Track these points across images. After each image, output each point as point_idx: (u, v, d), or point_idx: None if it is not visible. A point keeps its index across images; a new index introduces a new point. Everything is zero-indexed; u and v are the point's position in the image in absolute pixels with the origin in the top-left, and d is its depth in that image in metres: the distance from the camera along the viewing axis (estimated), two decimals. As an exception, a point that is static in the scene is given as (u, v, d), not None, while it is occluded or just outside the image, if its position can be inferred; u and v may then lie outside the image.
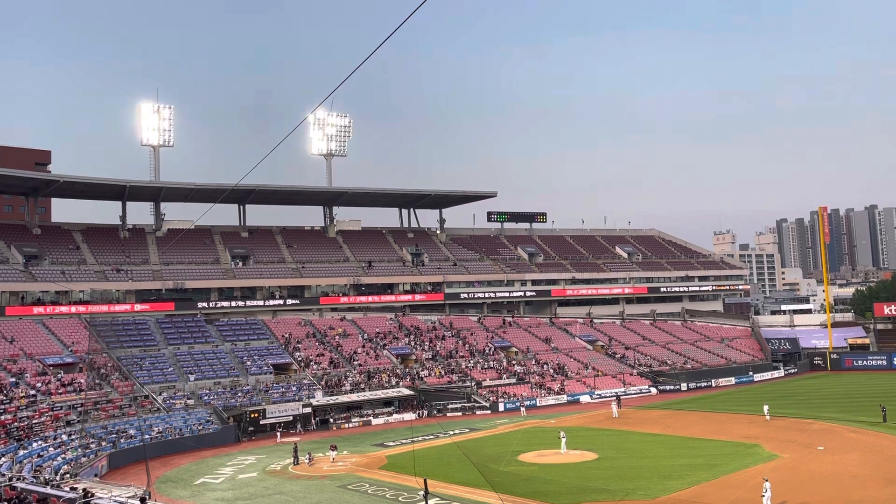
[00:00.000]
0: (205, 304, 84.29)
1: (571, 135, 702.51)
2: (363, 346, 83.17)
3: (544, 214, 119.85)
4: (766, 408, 59.67)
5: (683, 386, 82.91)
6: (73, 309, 76.73)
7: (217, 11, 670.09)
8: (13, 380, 60.19)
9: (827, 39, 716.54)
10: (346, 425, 66.68)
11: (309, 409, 66.23)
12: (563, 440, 49.25)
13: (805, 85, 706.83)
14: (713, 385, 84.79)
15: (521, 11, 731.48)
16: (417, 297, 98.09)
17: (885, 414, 55.39)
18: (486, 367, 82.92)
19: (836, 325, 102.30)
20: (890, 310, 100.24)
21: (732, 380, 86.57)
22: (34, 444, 48.91)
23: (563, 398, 76.53)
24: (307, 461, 48.91)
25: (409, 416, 69.23)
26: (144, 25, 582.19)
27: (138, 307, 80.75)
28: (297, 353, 78.37)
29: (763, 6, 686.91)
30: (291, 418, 64.52)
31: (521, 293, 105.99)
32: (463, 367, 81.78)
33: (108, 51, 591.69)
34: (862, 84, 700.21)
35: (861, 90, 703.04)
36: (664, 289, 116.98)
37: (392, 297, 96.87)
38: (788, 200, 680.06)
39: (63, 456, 47.89)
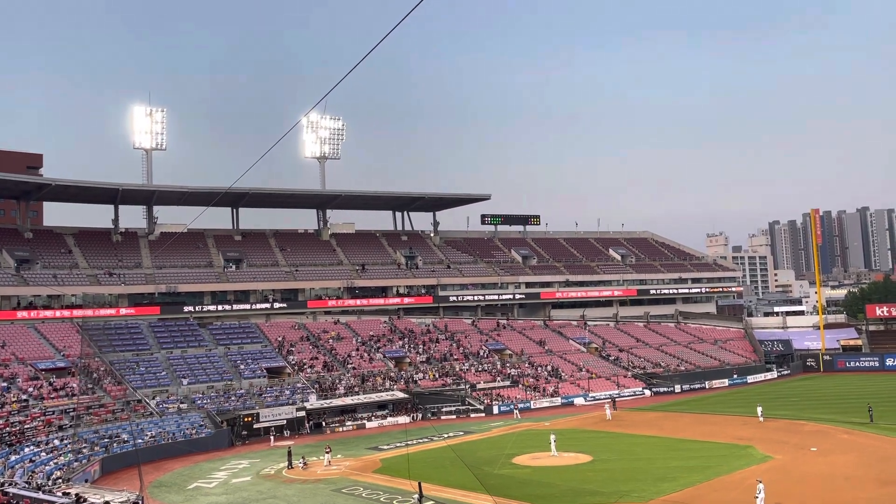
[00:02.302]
0: (191, 308, 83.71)
1: (564, 137, 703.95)
2: (357, 350, 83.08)
3: (538, 217, 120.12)
4: (759, 409, 59.82)
5: (677, 388, 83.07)
6: (59, 313, 76.02)
7: (210, 14, 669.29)
8: (5, 384, 59.87)
9: (819, 41, 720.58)
10: (340, 429, 66.55)
11: (303, 413, 66.10)
12: (553, 442, 49.28)
13: (799, 86, 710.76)
14: (706, 387, 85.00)
15: (516, 16, 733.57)
16: (411, 299, 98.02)
17: (872, 414, 55.72)
18: (480, 369, 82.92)
19: (828, 326, 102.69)
20: (882, 311, 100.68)
21: (726, 382, 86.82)
22: (26, 450, 48.65)
23: (558, 400, 76.58)
24: (301, 465, 48.80)
25: (404, 419, 69.18)
26: (137, 28, 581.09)
27: (123, 311, 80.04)
28: (291, 357, 78.21)
29: (757, 8, 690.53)
30: (285, 422, 64.37)
31: (515, 296, 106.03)
32: (457, 369, 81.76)
33: (100, 53, 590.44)
34: (856, 85, 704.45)
35: (855, 92, 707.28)
36: (657, 291, 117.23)
37: (386, 301, 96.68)
38: (781, 202, 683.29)
39: (55, 461, 47.65)
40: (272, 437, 61.03)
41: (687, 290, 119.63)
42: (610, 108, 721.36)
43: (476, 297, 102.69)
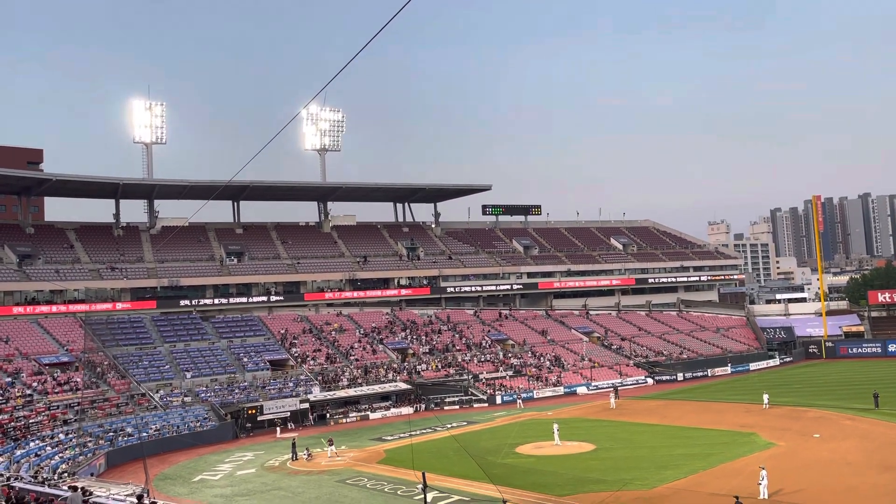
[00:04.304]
0: (187, 302, 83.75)
1: (566, 127, 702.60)
2: (360, 341, 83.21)
3: (539, 207, 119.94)
4: (765, 396, 59.66)
5: (679, 376, 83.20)
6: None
7: (208, 7, 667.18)
8: (9, 379, 60.09)
9: (820, 31, 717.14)
10: (344, 420, 66.76)
11: (306, 405, 66.29)
12: (557, 431, 49.39)
13: (799, 75, 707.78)
14: (709, 375, 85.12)
15: (516, 6, 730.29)
16: (413, 291, 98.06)
17: (878, 400, 55.80)
18: (482, 360, 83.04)
19: (830, 313, 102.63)
20: (884, 297, 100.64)
21: (728, 369, 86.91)
22: (31, 444, 48.86)
23: (560, 390, 76.74)
24: (305, 457, 48.97)
25: (407, 410, 69.34)
26: (135, 22, 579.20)
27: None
28: (294, 349, 78.36)
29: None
30: (289, 414, 64.57)
31: (518, 286, 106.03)
32: (460, 360, 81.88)
33: (99, 48, 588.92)
34: (856, 73, 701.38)
35: (855, 79, 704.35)
36: (659, 279, 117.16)
37: (388, 292, 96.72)
38: (782, 189, 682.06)
39: (61, 455, 47.86)
40: (278, 429, 61.24)
41: (686, 279, 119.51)
42: (611, 98, 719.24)
43: (482, 288, 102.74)
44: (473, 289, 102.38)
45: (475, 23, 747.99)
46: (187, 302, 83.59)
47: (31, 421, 53.58)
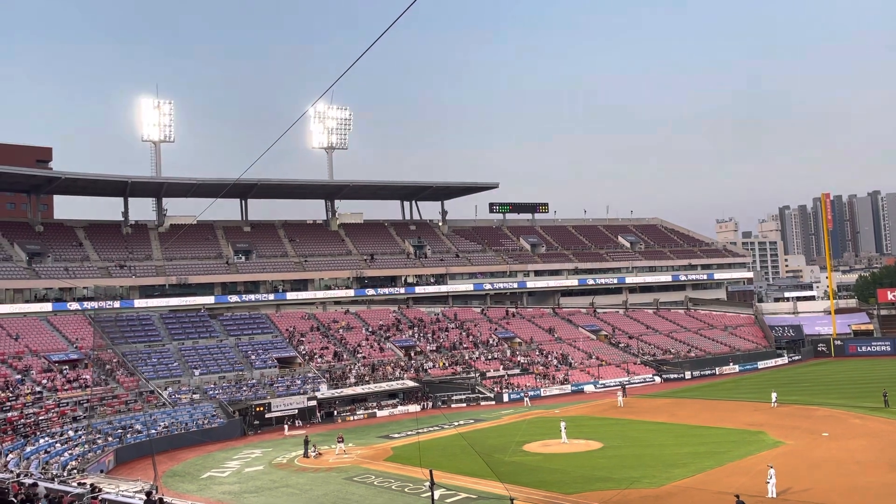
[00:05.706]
0: (196, 300, 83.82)
1: (573, 125, 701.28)
2: (367, 339, 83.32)
3: (546, 205, 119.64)
4: (774, 395, 59.43)
5: (687, 374, 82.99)
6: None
7: (216, 5, 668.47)
8: (19, 377, 60.44)
9: (825, 25, 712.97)
10: (351, 418, 66.87)
11: (314, 402, 66.46)
12: (564, 430, 49.31)
13: (805, 71, 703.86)
14: (717, 373, 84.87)
15: (519, 6, 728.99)
16: (420, 289, 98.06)
17: (887, 399, 55.52)
18: (490, 357, 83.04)
19: (839, 311, 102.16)
20: (893, 295, 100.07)
21: (736, 368, 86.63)
22: (41, 441, 49.16)
23: (568, 388, 76.66)
24: (313, 454, 49.10)
25: (414, 407, 69.44)
26: (143, 20, 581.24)
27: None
28: (302, 347, 78.54)
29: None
30: (297, 412, 64.75)
31: (525, 284, 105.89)
32: (467, 358, 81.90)
33: (107, 46, 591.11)
34: (863, 69, 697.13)
35: (863, 75, 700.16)
36: (667, 277, 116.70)
37: (395, 290, 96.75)
38: (791, 187, 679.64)
39: (70, 452, 48.15)
40: (286, 426, 61.41)
41: (694, 277, 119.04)
42: (617, 96, 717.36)
43: (489, 286, 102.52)
44: (490, 286, 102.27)
45: (484, 19, 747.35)
46: (195, 299, 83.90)
47: (40, 418, 53.89)
